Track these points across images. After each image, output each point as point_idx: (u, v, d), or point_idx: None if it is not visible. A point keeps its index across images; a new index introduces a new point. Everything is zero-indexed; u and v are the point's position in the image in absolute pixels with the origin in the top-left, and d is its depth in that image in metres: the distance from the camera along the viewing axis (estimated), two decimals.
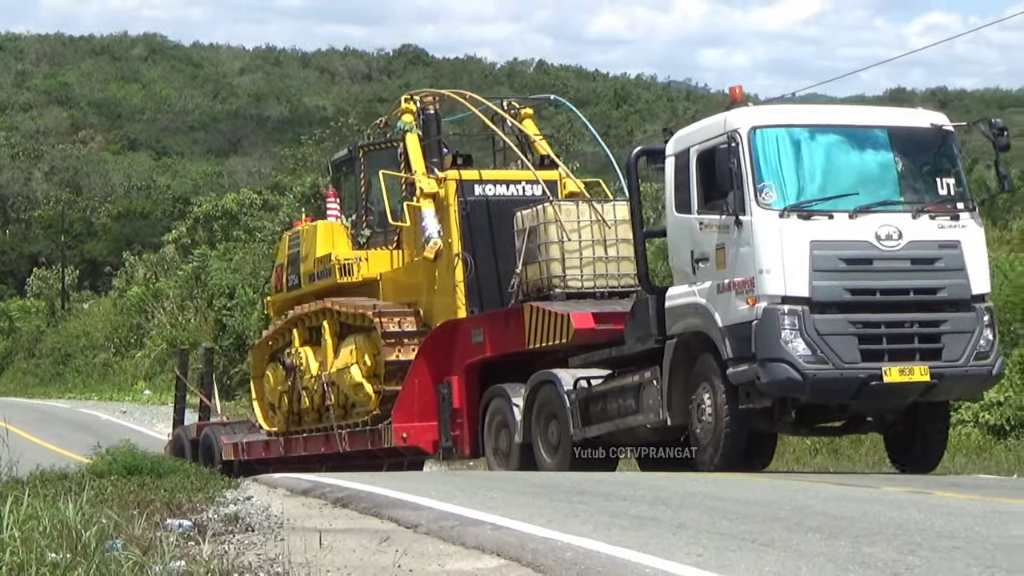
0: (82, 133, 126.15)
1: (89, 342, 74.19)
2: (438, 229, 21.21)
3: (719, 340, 16.49)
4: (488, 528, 10.91)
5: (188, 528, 11.11)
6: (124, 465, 17.27)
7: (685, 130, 18.31)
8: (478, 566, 9.58)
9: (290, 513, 12.64)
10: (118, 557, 8.47)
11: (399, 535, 11.13)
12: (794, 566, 8.90)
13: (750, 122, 16.61)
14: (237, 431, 26.96)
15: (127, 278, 78.61)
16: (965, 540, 10.18)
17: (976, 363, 16.42)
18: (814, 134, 17.06)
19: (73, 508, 10.22)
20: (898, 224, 16.41)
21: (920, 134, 17.40)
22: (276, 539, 10.68)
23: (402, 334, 21.86)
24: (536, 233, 19.95)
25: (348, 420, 22.77)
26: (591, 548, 9.71)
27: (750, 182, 16.24)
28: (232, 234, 65.95)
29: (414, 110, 23.26)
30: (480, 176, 22.24)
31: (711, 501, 12.93)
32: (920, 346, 16.40)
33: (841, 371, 15.99)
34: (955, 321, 16.47)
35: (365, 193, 24.17)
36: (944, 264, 16.57)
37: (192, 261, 66.91)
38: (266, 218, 60.52)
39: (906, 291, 16.52)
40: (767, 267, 16.02)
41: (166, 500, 13.20)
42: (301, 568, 8.66)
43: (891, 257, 16.36)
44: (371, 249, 23.68)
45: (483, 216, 21.66)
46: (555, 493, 14.17)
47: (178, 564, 8.60)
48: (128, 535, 9.83)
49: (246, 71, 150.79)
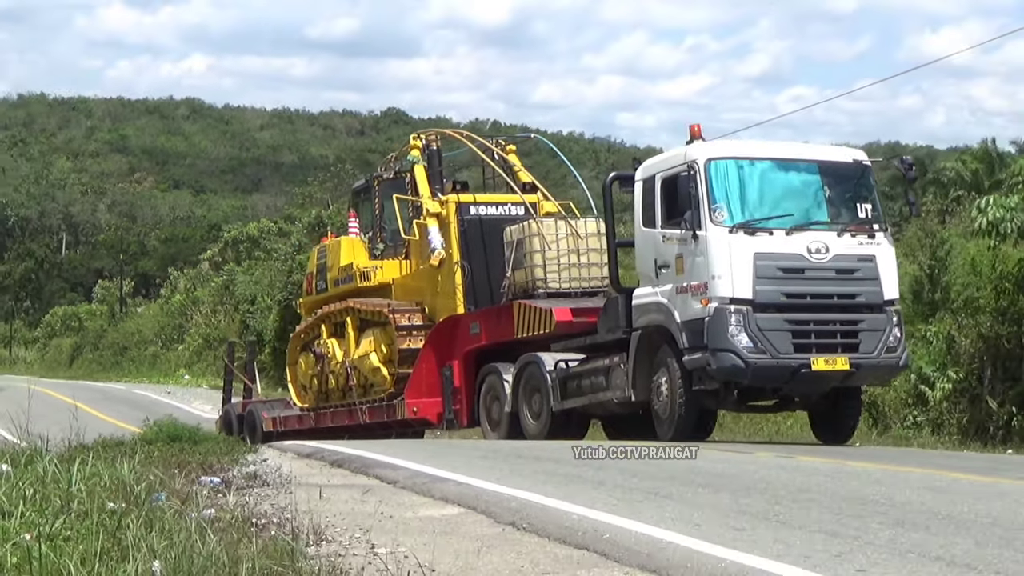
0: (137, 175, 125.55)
1: (141, 338, 73.90)
2: (441, 242, 20.97)
3: (677, 333, 16.17)
4: (452, 484, 10.93)
5: (217, 484, 11.07)
6: (168, 434, 17.12)
7: (652, 160, 18.14)
8: (443, 513, 9.60)
9: (296, 472, 12.61)
10: (162, 506, 8.44)
11: (381, 489, 11.13)
12: (688, 513, 8.93)
13: (706, 154, 16.35)
14: (275, 408, 26.42)
15: (171, 288, 78.35)
16: (819, 493, 10.24)
17: (887, 355, 16.22)
18: (758, 165, 16.77)
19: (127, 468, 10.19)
20: (826, 240, 16.18)
21: (844, 167, 17.15)
22: (286, 492, 10.67)
23: (412, 327, 21.63)
24: (522, 244, 19.73)
25: (367, 397, 22.47)
26: (529, 499, 9.73)
27: (705, 203, 15.93)
28: (254, 254, 65.80)
29: (420, 146, 22.97)
30: (475, 199, 21.97)
31: (624, 463, 12.93)
32: (841, 341, 16.16)
33: (777, 360, 15.74)
34: (870, 321, 16.24)
35: (380, 215, 23.79)
36: (862, 274, 16.34)
37: (222, 275, 66.76)
38: (280, 242, 60.21)
39: (831, 295, 16.28)
40: (718, 273, 15.74)
41: (200, 462, 13.13)
42: (305, 515, 8.63)
43: (819, 267, 16.13)
44: (384, 259, 23.22)
45: (477, 232, 21.40)
46: (502, 457, 14.18)
47: (209, 511, 8.57)
48: (170, 489, 9.79)
49: (265, 127, 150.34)
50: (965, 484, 11.30)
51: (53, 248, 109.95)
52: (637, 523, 8.39)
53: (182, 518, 7.83)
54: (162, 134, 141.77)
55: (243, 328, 56.68)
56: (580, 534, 8.16)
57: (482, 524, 8.94)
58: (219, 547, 6.84)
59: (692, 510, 9.10)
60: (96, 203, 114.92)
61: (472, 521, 9.10)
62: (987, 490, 10.76)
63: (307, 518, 8.53)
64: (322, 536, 8.20)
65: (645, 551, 7.52)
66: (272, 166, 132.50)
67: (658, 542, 7.74)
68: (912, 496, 10.03)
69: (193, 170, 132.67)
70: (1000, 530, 8.12)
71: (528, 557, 7.62)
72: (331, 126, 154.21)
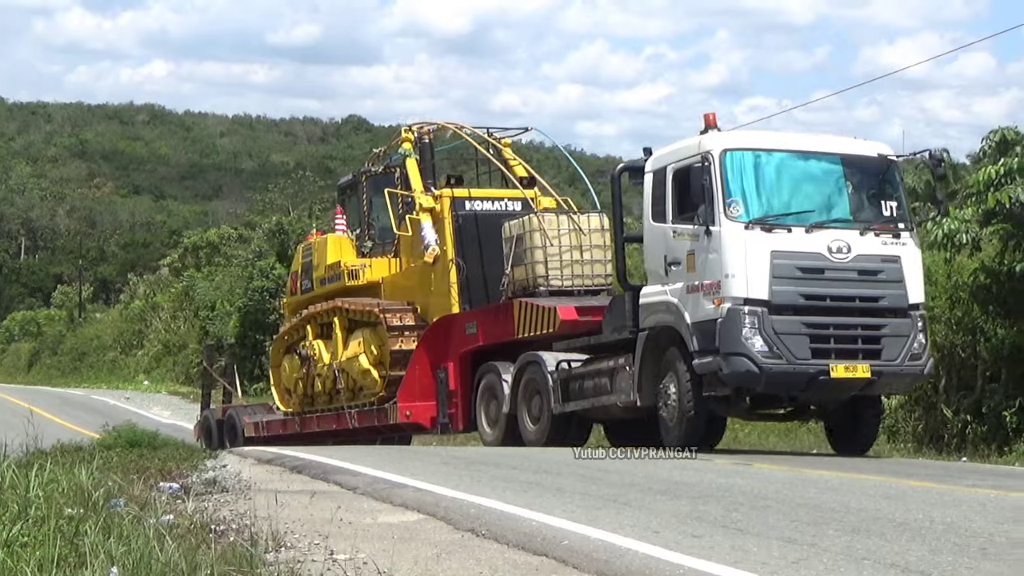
0: (96, 180, 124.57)
1: (100, 343, 73.42)
2: (435, 238, 19.95)
3: (687, 334, 15.15)
4: (411, 490, 10.90)
5: (176, 490, 11.00)
6: (126, 440, 17.10)
7: (663, 150, 16.78)
8: (403, 519, 9.56)
9: (256, 478, 12.55)
10: (120, 512, 8.39)
11: (341, 495, 11.08)
12: (646, 520, 8.94)
13: (721, 145, 15.26)
14: (257, 412, 25.40)
15: (131, 294, 77.95)
16: (776, 500, 10.26)
17: (910, 363, 15.20)
18: (777, 157, 15.63)
19: (85, 473, 10.11)
20: (848, 239, 15.11)
21: (869, 162, 15.96)
22: (245, 498, 10.60)
23: (404, 327, 20.71)
24: (523, 240, 18.74)
25: (356, 401, 21.50)
26: (489, 506, 9.72)
27: (720, 197, 14.88)
28: (214, 260, 65.64)
29: (412, 138, 21.89)
30: (470, 194, 20.98)
31: (582, 470, 12.92)
32: (863, 347, 15.16)
33: (794, 366, 14.73)
34: (894, 326, 15.18)
35: (367, 211, 22.77)
36: (886, 276, 15.25)
37: (182, 281, 66.37)
38: (240, 248, 60.10)
39: (852, 298, 15.26)
40: (732, 272, 14.73)
41: (159, 467, 13.07)
42: (264, 521, 8.58)
43: (841, 268, 15.04)
44: (373, 257, 22.23)
45: (472, 227, 20.42)
46: (461, 463, 14.13)
47: (167, 517, 8.52)
48: (129, 495, 9.74)
49: (226, 134, 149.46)
50: (920, 492, 11.36)
51: (12, 253, 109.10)
52: (595, 529, 8.41)
53: (140, 524, 7.78)
54: (122, 139, 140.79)
55: (203, 334, 56.48)
56: (539, 540, 8.16)
57: (441, 530, 8.91)
58: (177, 553, 6.79)
59: (650, 517, 9.11)
60: (55, 208, 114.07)
61: (431, 527, 9.07)
62: (942, 498, 10.81)
63: (266, 524, 8.48)
64: (281, 542, 8.14)
65: (603, 557, 7.53)
66: (232, 172, 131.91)
67: (616, 548, 7.75)
68: (868, 503, 10.07)
69: (153, 176, 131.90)
70: (954, 537, 8.17)
71: (487, 564, 7.60)
72: (292, 133, 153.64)
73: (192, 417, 40.50)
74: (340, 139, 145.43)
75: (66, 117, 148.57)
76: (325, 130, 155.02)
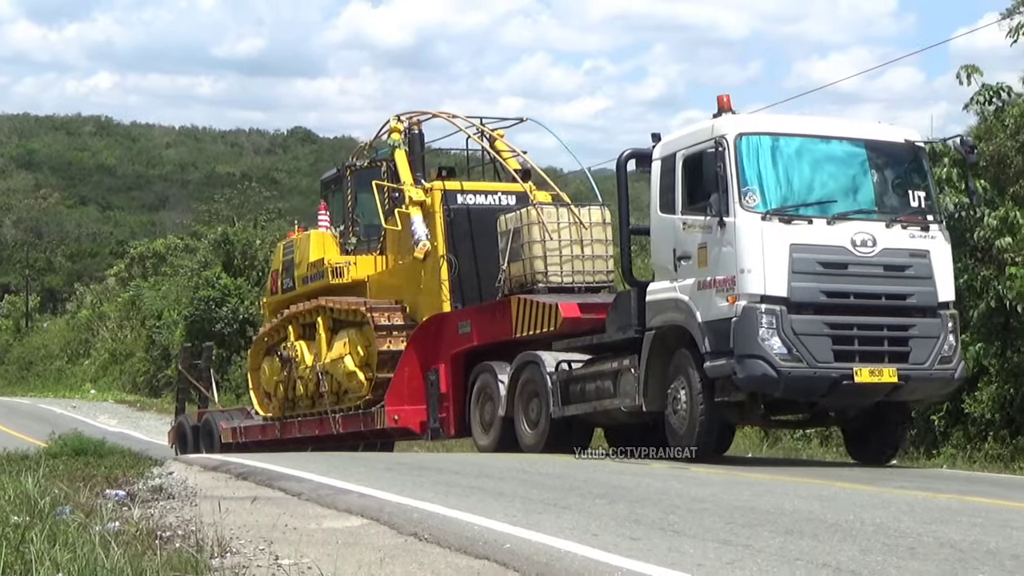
0: (43, 191, 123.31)
1: (47, 352, 72.64)
2: (426, 233, 18.52)
3: (698, 335, 13.71)
4: (355, 496, 10.86)
5: (122, 497, 10.90)
6: (73, 448, 16.92)
7: (672, 135, 15.27)
8: (346, 524, 9.53)
9: (202, 485, 12.45)
10: (67, 520, 8.31)
11: (286, 501, 11.03)
12: (586, 523, 8.96)
13: (737, 128, 13.76)
14: (235, 417, 24.08)
15: (78, 303, 77.21)
16: (712, 503, 10.32)
17: (940, 367, 13.70)
18: (797, 143, 14.07)
19: (32, 481, 10.02)
20: (873, 232, 13.60)
21: (895, 148, 14.40)
22: (191, 505, 10.55)
23: (392, 327, 19.36)
24: (520, 234, 17.34)
25: (341, 405, 20.18)
26: (432, 510, 9.70)
27: (735, 185, 13.40)
28: (160, 270, 65.10)
29: (401, 129, 20.43)
30: (462, 187, 19.43)
31: (523, 475, 12.92)
32: (889, 348, 13.67)
33: (815, 370, 13.30)
34: (922, 326, 13.69)
35: (352, 207, 21.36)
36: (914, 272, 13.72)
37: (129, 291, 65.89)
38: (187, 258, 59.62)
39: (878, 296, 13.71)
40: (748, 267, 13.27)
41: (105, 475, 12.96)
42: (210, 527, 8.52)
43: (865, 263, 13.53)
44: (358, 255, 20.87)
45: (465, 222, 18.91)
46: (405, 469, 14.10)
47: (114, 524, 8.45)
48: (75, 502, 9.65)
49: (172, 145, 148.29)
50: (851, 494, 11.46)
51: None
52: (536, 533, 8.40)
53: (86, 531, 7.71)
54: (69, 150, 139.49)
55: (150, 343, 56.18)
56: (481, 544, 8.14)
57: (385, 535, 8.87)
58: (123, 560, 6.74)
59: (590, 520, 9.14)
60: (2, 219, 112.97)
61: (375, 532, 9.04)
62: (872, 499, 10.92)
63: (212, 530, 8.41)
64: (226, 548, 8.09)
65: (544, 560, 7.53)
66: (179, 183, 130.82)
67: (556, 551, 7.76)
68: (801, 505, 10.15)
69: (100, 187, 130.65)
70: (884, 537, 8.25)
71: (430, 567, 7.60)
72: (238, 144, 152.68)
73: (137, 425, 40.39)
74: (286, 151, 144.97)
75: (12, 128, 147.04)
76: (271, 142, 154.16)
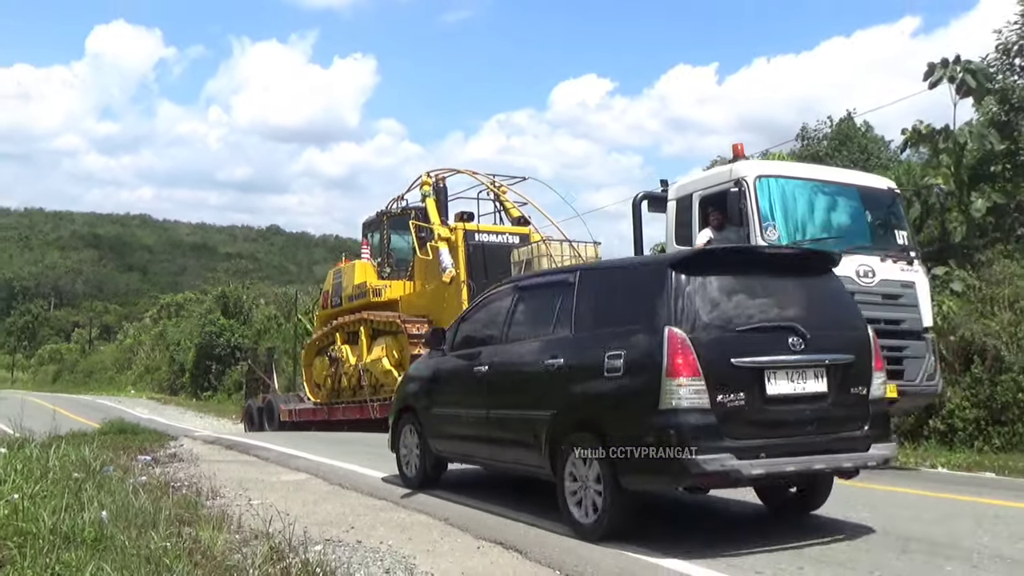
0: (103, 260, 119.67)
1: (103, 366, 69.87)
2: (451, 263, 16.25)
3: None
4: (303, 460, 10.65)
5: (149, 460, 10.53)
6: (117, 428, 16.11)
7: (686, 178, 12.11)
8: (296, 478, 9.31)
9: (202, 453, 12.08)
10: (110, 475, 8.02)
11: (258, 463, 10.76)
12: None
13: (756, 171, 10.77)
14: (291, 401, 21.39)
15: (124, 335, 74.70)
16: None
17: (927, 383, 10.80)
18: (805, 186, 10.92)
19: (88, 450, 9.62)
20: (871, 265, 10.63)
21: (880, 194, 11.38)
22: (194, 465, 10.23)
23: (421, 336, 16.91)
24: (531, 264, 14.97)
25: (378, 396, 17.73)
26: (351, 468, 9.58)
27: (756, 221, 10.40)
28: (180, 313, 63.56)
29: (431, 183, 17.98)
30: (479, 228, 17.10)
31: None
32: (888, 367, 10.20)
33: None
34: (913, 348, 10.75)
35: (387, 244, 19.05)
36: (905, 300, 10.78)
37: (159, 326, 64.06)
38: (197, 306, 57.89)
39: (879, 321, 10.26)
40: None
41: (138, 446, 12.44)
42: (206, 480, 8.34)
43: (868, 292, 10.43)
44: (391, 280, 18.57)
45: (480, 255, 16.57)
46: (335, 443, 13.80)
47: (142, 478, 8.17)
48: (116, 464, 9.29)
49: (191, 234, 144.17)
50: None
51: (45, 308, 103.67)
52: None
53: (123, 483, 7.45)
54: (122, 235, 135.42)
55: (171, 361, 54.54)
56: (383, 491, 8.07)
57: (321, 485, 8.72)
58: (147, 501, 6.55)
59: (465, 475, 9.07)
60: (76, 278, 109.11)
61: (314, 483, 8.87)
62: None
63: (207, 482, 8.25)
64: (217, 494, 7.89)
65: (420, 500, 7.47)
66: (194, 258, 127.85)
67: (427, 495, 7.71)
68: None
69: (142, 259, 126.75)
70: None
71: (349, 506, 7.49)
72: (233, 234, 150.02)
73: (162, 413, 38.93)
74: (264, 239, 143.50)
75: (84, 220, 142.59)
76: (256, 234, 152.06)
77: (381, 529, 6.42)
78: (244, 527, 6.12)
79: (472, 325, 7.62)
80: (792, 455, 5.66)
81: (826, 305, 6.19)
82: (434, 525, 6.56)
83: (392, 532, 6.32)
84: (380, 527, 6.49)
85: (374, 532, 6.31)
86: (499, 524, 6.48)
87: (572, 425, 6.02)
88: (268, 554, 5.21)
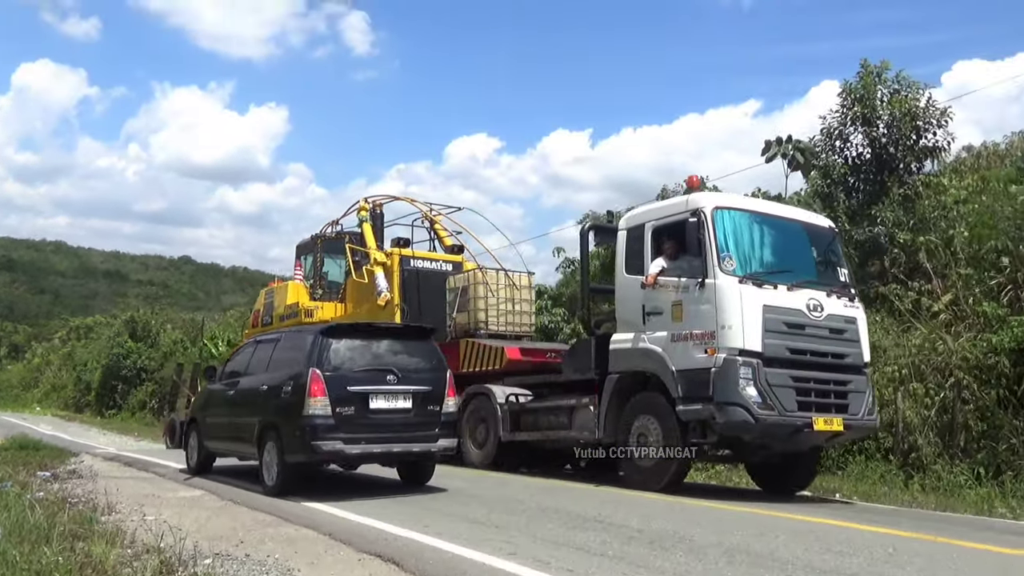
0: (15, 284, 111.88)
1: (9, 384, 65.13)
2: (387, 286, 14.49)
3: (671, 381, 9.21)
4: (197, 478, 10.07)
5: (48, 476, 9.74)
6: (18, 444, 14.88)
7: (638, 209, 10.76)
8: (191, 495, 8.75)
9: (102, 469, 11.27)
10: (8, 491, 7.34)
11: (155, 480, 10.11)
12: (338, 494, 8.55)
13: (712, 203, 9.45)
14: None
15: (32, 354, 69.94)
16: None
17: (868, 418, 9.38)
18: (758, 219, 9.55)
19: None
20: (820, 299, 9.30)
21: (823, 231, 10.11)
22: (93, 482, 9.50)
23: None
24: (467, 291, 13.54)
25: None
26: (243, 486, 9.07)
27: (714, 251, 9.06)
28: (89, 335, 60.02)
29: (368, 208, 16.32)
30: (413, 254, 15.34)
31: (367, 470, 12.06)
32: (835, 401, 9.17)
33: (783, 417, 8.78)
34: (856, 382, 9.34)
35: (320, 266, 17.36)
36: (849, 335, 9.41)
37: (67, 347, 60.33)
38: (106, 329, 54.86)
39: (826, 354, 9.20)
40: (728, 323, 8.84)
41: (38, 462, 11.49)
42: (102, 496, 7.73)
43: (817, 325, 9.17)
44: (323, 302, 17.01)
45: (415, 280, 14.81)
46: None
47: (40, 494, 7.52)
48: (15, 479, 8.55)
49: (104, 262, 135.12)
50: None
51: None
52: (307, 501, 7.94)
53: (20, 498, 6.83)
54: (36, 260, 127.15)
55: (77, 380, 51.40)
56: (268, 506, 7.67)
57: (213, 501, 8.22)
58: (43, 517, 5.99)
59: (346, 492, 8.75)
60: None
61: (208, 499, 8.36)
62: None
63: (104, 498, 7.63)
64: (112, 509, 7.30)
65: (308, 516, 7.16)
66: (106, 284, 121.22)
67: (315, 511, 7.40)
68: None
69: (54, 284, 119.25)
70: None
71: (239, 521, 7.06)
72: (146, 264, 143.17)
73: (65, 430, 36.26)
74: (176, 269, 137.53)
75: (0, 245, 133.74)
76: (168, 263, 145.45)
77: (269, 543, 6.06)
78: (137, 542, 5.67)
79: (232, 364, 10.08)
80: (381, 444, 8.37)
81: (419, 356, 8.80)
82: (319, 539, 6.24)
83: (279, 546, 5.97)
84: (268, 541, 6.13)
85: (262, 546, 5.95)
86: (378, 537, 6.24)
87: (267, 425, 8.60)
88: (158, 568, 4.82)
